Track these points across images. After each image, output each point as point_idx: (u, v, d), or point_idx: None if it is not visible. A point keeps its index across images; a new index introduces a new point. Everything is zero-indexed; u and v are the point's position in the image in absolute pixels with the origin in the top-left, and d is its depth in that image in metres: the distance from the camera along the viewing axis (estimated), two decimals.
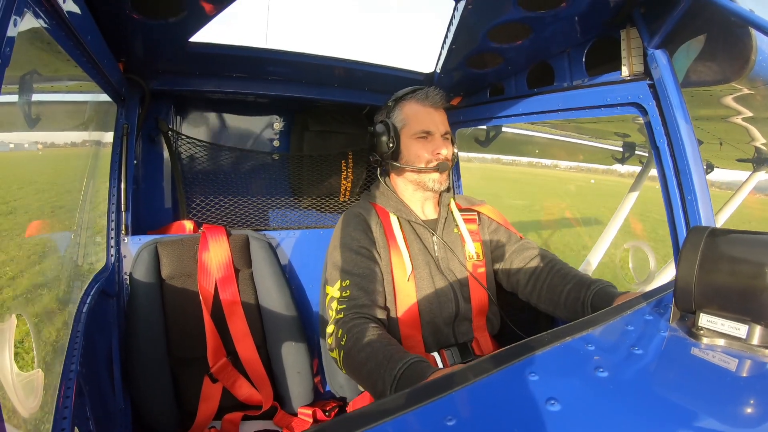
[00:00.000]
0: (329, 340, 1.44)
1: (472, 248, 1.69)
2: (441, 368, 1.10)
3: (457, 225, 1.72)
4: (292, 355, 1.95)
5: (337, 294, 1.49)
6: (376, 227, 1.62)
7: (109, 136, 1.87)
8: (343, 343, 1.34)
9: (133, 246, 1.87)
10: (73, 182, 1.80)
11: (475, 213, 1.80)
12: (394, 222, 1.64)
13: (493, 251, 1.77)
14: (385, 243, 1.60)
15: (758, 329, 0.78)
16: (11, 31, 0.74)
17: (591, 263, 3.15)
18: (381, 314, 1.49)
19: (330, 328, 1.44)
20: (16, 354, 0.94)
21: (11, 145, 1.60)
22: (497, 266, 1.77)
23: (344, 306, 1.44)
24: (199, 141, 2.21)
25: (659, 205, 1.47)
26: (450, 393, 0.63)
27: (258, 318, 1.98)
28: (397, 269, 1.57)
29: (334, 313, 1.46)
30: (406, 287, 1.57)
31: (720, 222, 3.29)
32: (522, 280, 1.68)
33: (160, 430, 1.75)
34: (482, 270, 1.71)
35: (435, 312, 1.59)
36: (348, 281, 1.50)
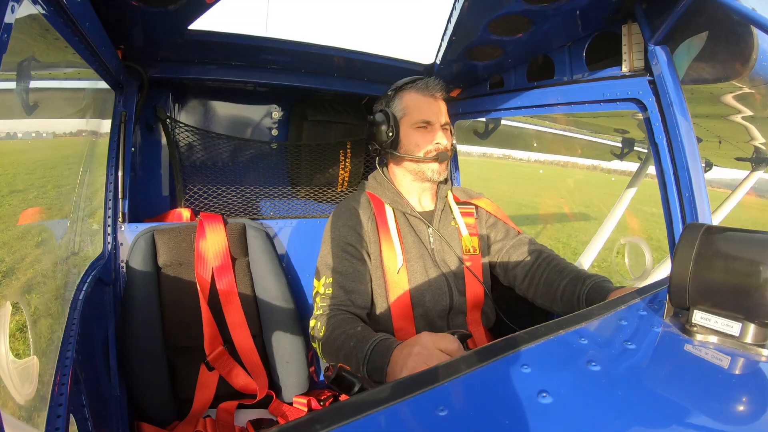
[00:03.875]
0: (311, 333, 1.49)
1: (468, 241, 1.70)
2: (403, 342, 1.13)
3: (454, 218, 1.72)
4: (288, 345, 1.96)
5: (321, 290, 1.54)
6: (368, 221, 1.63)
7: (107, 124, 1.86)
8: (321, 334, 1.40)
9: (129, 234, 1.87)
10: (70, 169, 1.80)
11: (473, 206, 1.79)
12: (388, 213, 1.64)
13: (491, 245, 1.77)
14: (376, 236, 1.61)
15: (751, 327, 0.79)
16: (9, 18, 0.73)
17: (585, 260, 3.16)
18: (360, 312, 1.52)
19: (312, 322, 1.50)
20: (11, 341, 0.94)
21: (33, 134, 1.60)
22: (494, 261, 1.77)
23: (325, 303, 1.49)
24: (197, 129, 2.20)
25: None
26: (442, 384, 0.63)
27: (254, 307, 1.98)
28: (388, 261, 1.58)
29: (316, 308, 1.52)
30: (397, 279, 1.57)
31: (717, 221, 3.30)
32: (519, 276, 1.68)
33: (156, 417, 1.76)
34: (479, 263, 1.71)
35: (428, 305, 1.59)
36: (331, 278, 1.53)
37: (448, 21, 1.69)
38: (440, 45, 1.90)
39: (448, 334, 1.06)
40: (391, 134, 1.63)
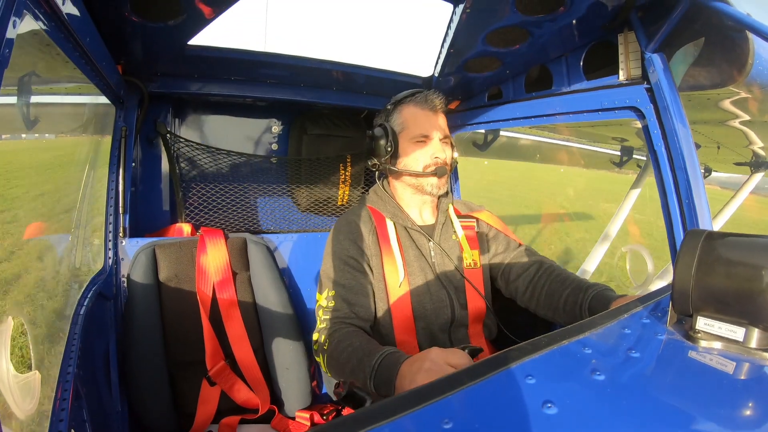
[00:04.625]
0: (315, 346, 1.49)
1: (469, 254, 1.69)
2: (411, 356, 1.13)
3: (455, 231, 1.72)
4: (290, 359, 1.95)
5: (324, 303, 1.53)
6: (369, 235, 1.62)
7: (107, 139, 1.87)
8: (326, 347, 1.40)
9: (130, 248, 1.87)
10: (72, 184, 1.80)
11: (474, 219, 1.79)
12: (389, 227, 1.64)
13: (492, 258, 1.76)
14: (377, 250, 1.61)
15: (756, 332, 0.78)
16: (10, 33, 0.74)
17: (588, 267, 3.14)
18: (363, 324, 1.51)
19: (315, 335, 1.50)
20: (13, 356, 0.93)
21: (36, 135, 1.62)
22: (495, 273, 1.76)
23: (328, 316, 1.49)
24: (198, 144, 2.21)
25: None
26: (447, 396, 0.63)
27: (256, 321, 1.98)
28: (390, 275, 1.58)
29: (319, 321, 1.51)
30: (399, 293, 1.57)
31: (718, 226, 3.29)
32: (521, 287, 1.67)
33: None
34: (480, 276, 1.70)
35: (430, 318, 1.59)
36: (333, 292, 1.53)
37: (446, 33, 1.71)
38: (438, 57, 1.91)
39: (458, 350, 1.05)
40: (389, 149, 1.63)
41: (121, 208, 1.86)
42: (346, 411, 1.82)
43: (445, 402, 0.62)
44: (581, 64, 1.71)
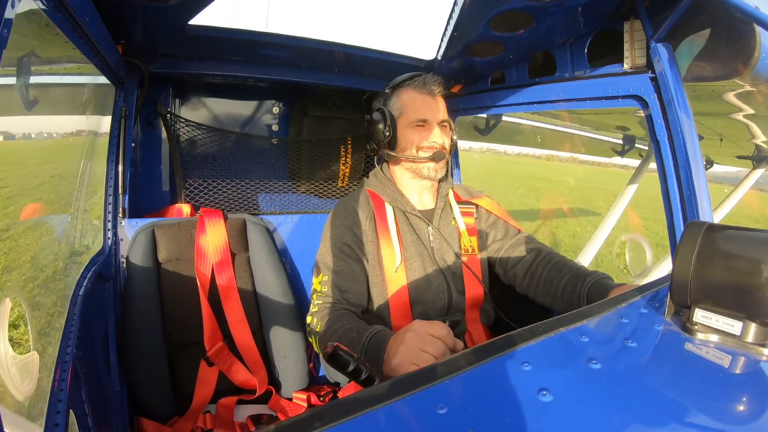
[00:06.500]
0: (308, 329, 1.53)
1: (467, 240, 1.69)
2: (395, 332, 1.16)
3: (454, 217, 1.72)
4: (287, 340, 1.96)
5: (318, 287, 1.56)
6: (366, 220, 1.63)
7: (107, 119, 1.85)
8: (318, 330, 1.43)
9: (129, 229, 1.87)
10: (71, 165, 1.79)
11: (474, 205, 1.79)
12: (388, 211, 1.64)
13: (491, 244, 1.76)
14: (375, 235, 1.61)
15: (753, 326, 0.78)
16: (9, 13, 0.73)
17: (585, 258, 3.15)
18: (355, 310, 1.54)
19: (308, 318, 1.53)
20: (11, 337, 0.93)
21: (33, 136, 1.60)
22: (494, 259, 1.76)
23: (321, 301, 1.52)
24: (198, 124, 2.20)
25: None
26: (442, 381, 0.63)
27: (254, 302, 1.99)
28: (387, 260, 1.58)
29: (312, 305, 1.54)
30: (395, 278, 1.58)
31: (718, 219, 3.29)
32: (519, 274, 1.67)
33: (155, 413, 1.76)
34: (477, 263, 1.70)
35: (427, 303, 1.59)
36: (327, 277, 1.55)
37: (450, 17, 1.69)
38: (441, 41, 1.89)
39: (438, 321, 1.09)
40: (387, 133, 1.62)
41: (120, 189, 1.85)
42: (343, 393, 1.85)
43: (440, 387, 0.62)
44: (585, 51, 1.69)
